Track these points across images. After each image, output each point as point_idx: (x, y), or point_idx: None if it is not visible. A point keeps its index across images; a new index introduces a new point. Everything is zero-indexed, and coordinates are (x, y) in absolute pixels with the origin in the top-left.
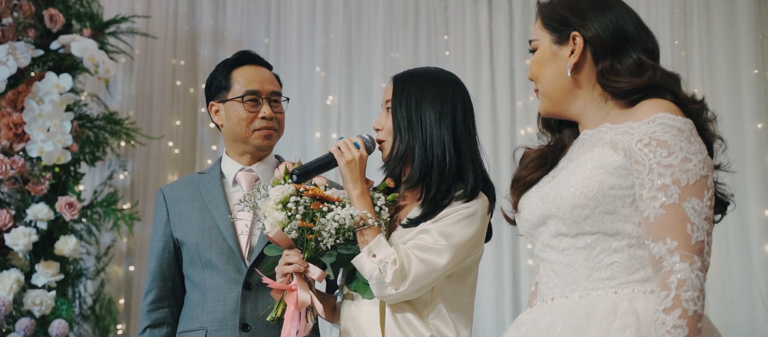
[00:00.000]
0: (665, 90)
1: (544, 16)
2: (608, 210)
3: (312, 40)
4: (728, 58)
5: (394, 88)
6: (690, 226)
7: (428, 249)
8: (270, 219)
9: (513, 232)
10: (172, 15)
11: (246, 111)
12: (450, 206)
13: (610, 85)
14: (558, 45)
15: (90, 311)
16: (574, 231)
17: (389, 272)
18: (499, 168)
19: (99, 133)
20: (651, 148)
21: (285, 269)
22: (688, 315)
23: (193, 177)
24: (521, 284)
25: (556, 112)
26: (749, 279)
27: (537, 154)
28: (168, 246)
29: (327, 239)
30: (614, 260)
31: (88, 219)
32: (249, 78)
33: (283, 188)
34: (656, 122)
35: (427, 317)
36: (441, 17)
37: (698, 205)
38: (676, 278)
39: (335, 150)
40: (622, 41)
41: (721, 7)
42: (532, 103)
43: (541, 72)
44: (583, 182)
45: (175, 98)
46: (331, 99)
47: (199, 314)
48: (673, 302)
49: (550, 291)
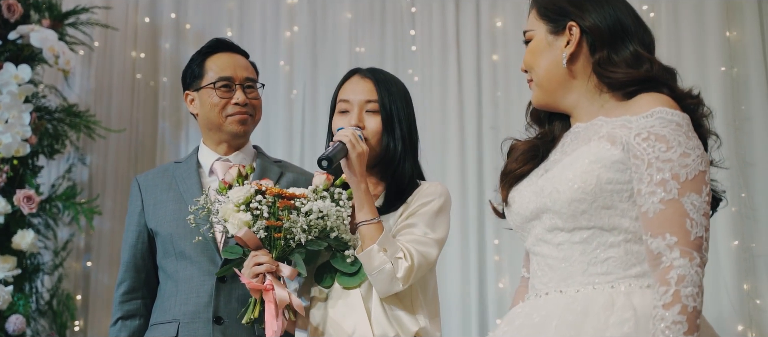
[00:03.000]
0: (662, 84)
1: (540, 6)
2: (605, 205)
3: (276, 34)
4: (696, 55)
5: (378, 89)
6: (689, 221)
7: (423, 243)
8: (234, 221)
9: (479, 227)
10: (132, 6)
11: (219, 97)
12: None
13: (606, 75)
14: (554, 35)
15: (47, 307)
16: (570, 225)
17: (401, 268)
18: (466, 164)
19: (58, 125)
20: (650, 143)
21: (256, 269)
22: (688, 311)
23: (169, 166)
24: (487, 280)
25: (549, 104)
26: (716, 275)
27: (527, 146)
28: (142, 236)
29: (298, 236)
30: (610, 255)
31: (47, 213)
32: (222, 65)
33: (242, 189)
34: (655, 116)
35: (414, 312)
36: (407, 11)
37: (697, 200)
38: (676, 273)
39: (347, 141)
40: (620, 33)
41: (689, 4)
42: (499, 99)
43: (536, 62)
44: (580, 176)
45: (135, 91)
46: (295, 93)
47: (172, 306)
48: (673, 298)
49: (544, 286)
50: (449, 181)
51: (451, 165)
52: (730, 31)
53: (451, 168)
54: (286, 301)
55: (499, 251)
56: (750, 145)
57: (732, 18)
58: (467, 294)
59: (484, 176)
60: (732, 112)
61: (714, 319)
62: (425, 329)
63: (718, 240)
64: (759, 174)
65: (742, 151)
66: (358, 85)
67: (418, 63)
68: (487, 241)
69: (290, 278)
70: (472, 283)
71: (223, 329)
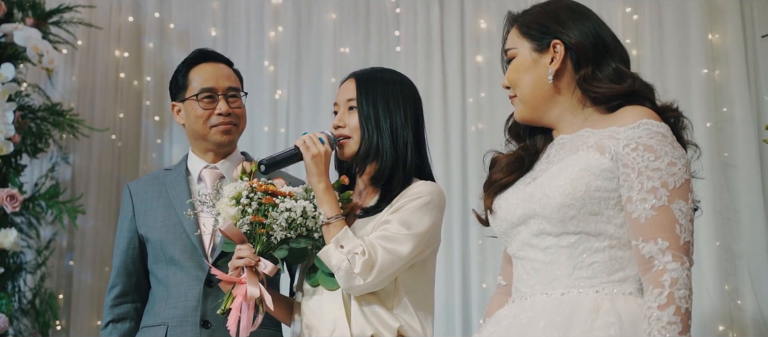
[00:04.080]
0: (644, 98)
1: (521, 24)
2: (593, 211)
3: (260, 34)
4: (678, 57)
5: (358, 87)
6: (678, 226)
7: (392, 239)
8: (223, 214)
9: (463, 228)
10: (116, 6)
11: (202, 109)
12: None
13: (591, 90)
14: (538, 52)
15: (30, 306)
16: (558, 230)
17: (358, 263)
18: (450, 164)
19: (41, 124)
20: (638, 153)
21: (236, 262)
22: (681, 312)
23: (159, 173)
24: (471, 280)
25: (533, 119)
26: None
27: (511, 158)
28: (133, 242)
29: (278, 233)
30: (595, 260)
31: (30, 212)
32: (205, 75)
33: (236, 184)
34: (641, 128)
35: (393, 309)
36: (392, 12)
37: (684, 207)
38: (670, 276)
39: (301, 144)
40: (602, 49)
41: (672, 6)
42: (483, 100)
43: (521, 79)
44: (570, 183)
45: (119, 90)
46: (279, 93)
47: (161, 310)
48: (668, 300)
49: (530, 288)
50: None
51: (435, 165)
52: (712, 33)
53: (435, 168)
54: (256, 295)
55: (482, 252)
56: (731, 147)
57: (714, 20)
58: (451, 294)
59: (469, 177)
60: (714, 114)
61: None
62: (408, 326)
63: (700, 241)
64: (740, 176)
65: (723, 153)
66: (344, 86)
67: (403, 64)
68: (471, 241)
69: (270, 274)
70: (456, 283)
71: (211, 333)
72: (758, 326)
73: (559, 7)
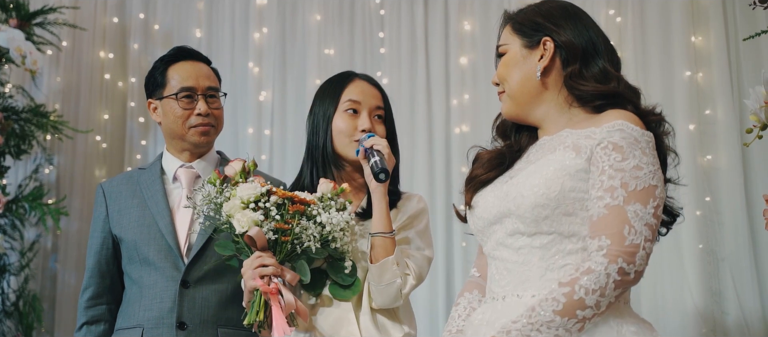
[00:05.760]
0: (627, 101)
1: (515, 22)
2: (567, 212)
3: (245, 35)
4: (661, 59)
5: (384, 100)
6: (628, 228)
7: (419, 260)
8: (241, 218)
9: (447, 229)
10: (101, 6)
11: (181, 108)
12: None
13: (576, 88)
14: (528, 49)
15: (13, 308)
16: (532, 230)
17: (408, 284)
18: (434, 166)
19: (25, 125)
20: (607, 152)
21: (263, 271)
22: (573, 298)
23: (133, 173)
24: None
25: (520, 115)
26: (681, 277)
27: (493, 154)
28: (106, 242)
29: (310, 243)
30: (568, 262)
31: (13, 213)
32: (184, 74)
33: (250, 186)
34: (615, 128)
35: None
36: (376, 14)
37: (641, 210)
38: (587, 265)
39: (387, 152)
40: (591, 50)
41: (655, 8)
42: (466, 102)
43: (510, 74)
44: (545, 182)
45: (104, 92)
46: (264, 95)
47: (136, 312)
48: (569, 281)
49: (502, 289)
50: (417, 182)
51: (419, 167)
52: (695, 36)
53: (419, 170)
54: (292, 305)
55: (466, 253)
56: (714, 149)
57: (697, 23)
58: (434, 296)
59: (452, 178)
60: (697, 116)
61: (678, 321)
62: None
63: (683, 243)
64: (723, 178)
65: (706, 155)
66: (368, 89)
67: (387, 65)
68: (455, 243)
69: (291, 282)
70: (440, 285)
71: (187, 335)
72: (740, 328)
73: (552, 7)
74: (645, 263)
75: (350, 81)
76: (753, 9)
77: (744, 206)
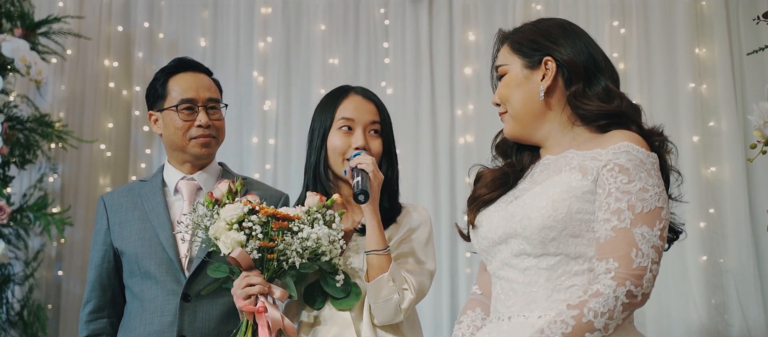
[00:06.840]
0: (631, 120)
1: (513, 41)
2: (573, 233)
3: (250, 44)
4: (666, 71)
5: (380, 112)
6: (635, 251)
7: (419, 274)
8: (226, 240)
9: (451, 239)
10: (105, 16)
11: (181, 120)
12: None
13: (580, 107)
14: (529, 69)
15: (18, 318)
16: (538, 251)
17: (407, 299)
18: (438, 177)
19: (30, 135)
20: (613, 174)
21: (249, 290)
22: (582, 321)
23: (134, 185)
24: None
25: (523, 136)
26: (685, 289)
27: (497, 174)
28: (108, 255)
29: (294, 259)
30: (574, 283)
31: (18, 223)
32: (185, 86)
33: (234, 207)
34: (621, 150)
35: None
36: (381, 24)
37: (648, 233)
38: (595, 288)
39: (371, 170)
40: (593, 68)
41: (660, 21)
42: (471, 112)
43: (512, 95)
44: (552, 204)
45: (108, 100)
46: (268, 104)
47: (137, 325)
48: (579, 304)
49: (507, 310)
50: (422, 193)
51: (423, 177)
52: (699, 47)
53: (423, 180)
54: (279, 323)
55: (471, 264)
56: (718, 161)
57: (701, 35)
58: (439, 307)
59: (457, 188)
60: (701, 128)
61: (683, 333)
62: None
63: (687, 255)
64: (727, 190)
65: (710, 167)
66: (362, 104)
67: (392, 75)
68: (460, 254)
69: (281, 299)
70: (444, 296)
71: None
72: None
73: (551, 25)
74: (652, 285)
75: (344, 97)
76: (757, 23)
77: (748, 218)
